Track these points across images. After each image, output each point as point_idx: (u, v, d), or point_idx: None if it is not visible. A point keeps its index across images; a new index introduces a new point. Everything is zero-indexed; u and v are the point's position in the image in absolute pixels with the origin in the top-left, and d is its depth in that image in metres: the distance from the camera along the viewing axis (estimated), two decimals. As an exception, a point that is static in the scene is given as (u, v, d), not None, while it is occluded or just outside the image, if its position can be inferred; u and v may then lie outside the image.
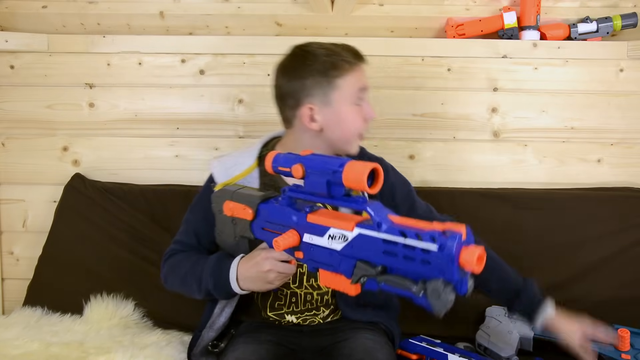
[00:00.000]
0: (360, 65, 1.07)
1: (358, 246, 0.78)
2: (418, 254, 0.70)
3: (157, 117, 1.56)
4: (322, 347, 1.09)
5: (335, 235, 0.81)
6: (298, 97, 1.05)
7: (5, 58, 1.55)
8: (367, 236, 0.77)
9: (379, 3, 1.55)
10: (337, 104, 1.04)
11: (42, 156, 1.58)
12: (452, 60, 1.52)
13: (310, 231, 0.84)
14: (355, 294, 0.81)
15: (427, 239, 0.69)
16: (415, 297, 0.71)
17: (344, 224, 0.80)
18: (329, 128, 1.05)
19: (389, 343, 1.09)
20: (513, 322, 1.27)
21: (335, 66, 1.03)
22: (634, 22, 1.50)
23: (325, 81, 1.03)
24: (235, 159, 1.12)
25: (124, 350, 1.11)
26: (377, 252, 0.75)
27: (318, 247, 0.83)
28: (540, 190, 1.49)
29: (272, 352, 1.04)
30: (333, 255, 0.81)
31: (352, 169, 0.77)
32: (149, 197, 1.48)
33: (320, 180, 0.81)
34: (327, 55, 1.04)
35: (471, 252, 0.67)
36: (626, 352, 1.12)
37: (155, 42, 1.55)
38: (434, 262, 0.68)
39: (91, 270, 1.43)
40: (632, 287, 1.37)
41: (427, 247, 0.69)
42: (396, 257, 0.73)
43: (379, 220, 0.75)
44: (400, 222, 0.75)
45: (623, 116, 1.53)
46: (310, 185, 0.83)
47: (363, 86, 1.06)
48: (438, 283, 0.68)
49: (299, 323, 1.12)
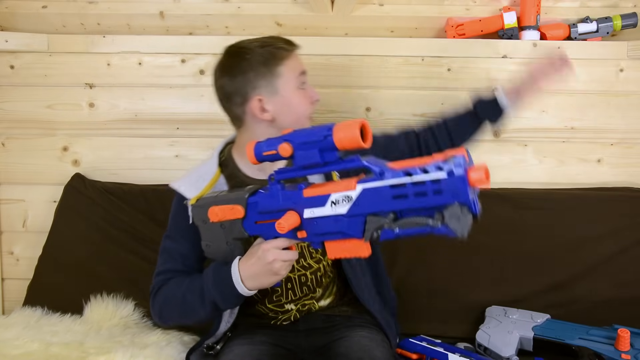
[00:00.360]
0: (295, 51, 1.09)
1: (365, 202, 0.77)
2: (429, 186, 0.71)
3: (157, 117, 1.56)
4: (319, 347, 1.09)
5: (338, 200, 0.80)
6: (244, 92, 1.05)
7: (5, 58, 1.55)
8: (373, 188, 0.76)
9: (379, 3, 1.55)
10: (283, 91, 1.06)
11: (42, 156, 1.58)
12: (452, 60, 1.52)
13: (310, 205, 0.83)
14: (368, 254, 0.81)
15: (433, 169, 0.70)
16: (435, 229, 0.71)
17: (345, 186, 0.80)
18: (280, 115, 1.06)
19: (386, 340, 1.09)
20: (513, 322, 1.27)
21: (274, 55, 1.05)
22: (634, 22, 1.50)
23: (267, 71, 1.04)
24: (197, 172, 1.11)
25: (124, 350, 1.11)
26: (386, 200, 0.75)
27: (321, 219, 0.82)
28: (540, 190, 1.49)
29: (267, 353, 1.04)
30: (339, 221, 0.80)
31: (342, 129, 0.77)
32: (149, 197, 1.48)
33: (311, 150, 0.81)
34: (262, 47, 1.06)
35: (478, 170, 0.69)
36: (626, 352, 1.12)
37: (155, 42, 1.54)
38: (445, 189, 0.70)
39: (91, 270, 1.43)
40: (632, 287, 1.37)
41: (437, 177, 0.70)
42: (407, 198, 0.73)
43: (380, 169, 0.76)
44: (400, 165, 0.75)
45: (623, 116, 1.53)
46: (300, 159, 0.82)
47: (302, 70, 1.09)
48: (454, 207, 0.69)
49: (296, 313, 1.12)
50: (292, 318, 1.12)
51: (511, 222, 1.44)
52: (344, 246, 0.82)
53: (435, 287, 1.40)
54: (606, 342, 1.16)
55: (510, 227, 1.44)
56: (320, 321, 1.13)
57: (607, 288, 1.37)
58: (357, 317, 1.14)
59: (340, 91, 1.54)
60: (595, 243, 1.41)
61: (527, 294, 1.38)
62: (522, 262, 1.41)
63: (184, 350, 1.19)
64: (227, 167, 1.12)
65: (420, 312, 1.38)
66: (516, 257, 1.42)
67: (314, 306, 1.13)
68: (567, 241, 1.42)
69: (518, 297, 1.37)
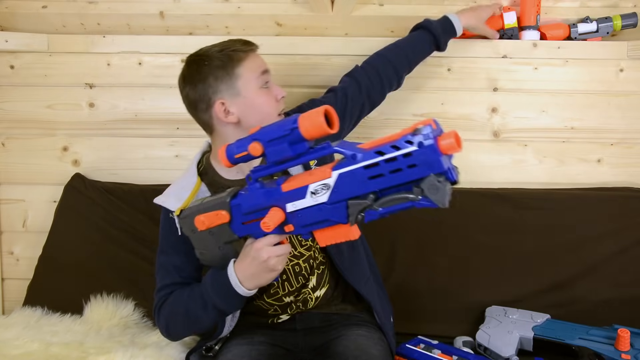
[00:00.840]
0: (253, 51, 1.11)
1: (342, 187, 0.78)
2: (402, 161, 0.72)
3: (157, 117, 1.56)
4: (317, 346, 1.09)
5: (317, 190, 0.81)
6: (207, 98, 1.08)
7: (5, 58, 1.55)
8: (347, 172, 0.77)
9: (379, 3, 1.55)
10: (245, 92, 1.07)
11: (42, 156, 1.58)
12: (452, 60, 1.52)
13: (291, 199, 0.84)
14: (358, 235, 0.83)
15: (403, 144, 0.71)
16: (416, 203, 0.72)
17: (320, 175, 0.80)
18: (245, 116, 1.08)
19: (383, 339, 1.10)
20: (513, 322, 1.27)
21: (231, 58, 1.07)
22: (634, 22, 1.49)
23: (226, 74, 1.06)
24: (179, 185, 1.13)
25: (124, 350, 1.11)
26: (363, 182, 0.76)
27: (305, 210, 0.83)
28: (540, 190, 1.49)
29: (264, 353, 1.05)
30: (322, 209, 0.81)
31: (306, 119, 0.78)
32: (149, 197, 1.46)
33: (281, 145, 0.81)
34: (219, 51, 1.08)
35: (448, 137, 0.69)
36: (626, 352, 1.12)
37: (155, 42, 1.54)
38: (419, 161, 0.70)
39: (91, 270, 1.43)
40: (632, 287, 1.37)
41: (408, 151, 0.70)
42: (383, 177, 0.74)
43: (351, 152, 0.76)
44: (371, 145, 0.75)
45: (623, 116, 1.53)
46: (273, 155, 0.83)
47: (263, 69, 1.10)
48: (431, 178, 0.70)
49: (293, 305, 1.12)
50: (290, 310, 1.13)
51: (511, 222, 1.44)
52: (333, 232, 0.83)
53: (435, 287, 1.40)
54: (606, 342, 1.16)
55: (510, 227, 1.44)
56: (317, 320, 1.13)
57: (607, 288, 1.37)
58: (354, 315, 1.14)
59: (340, 91, 1.54)
60: (595, 243, 1.41)
61: (527, 294, 1.38)
62: (522, 262, 1.41)
63: (184, 350, 1.19)
64: (207, 175, 1.14)
65: (420, 312, 1.38)
66: (516, 257, 1.42)
67: (311, 297, 1.13)
68: (567, 241, 1.42)
69: (518, 297, 1.37)
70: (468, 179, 1.54)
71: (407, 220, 1.44)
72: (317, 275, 1.14)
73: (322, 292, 1.15)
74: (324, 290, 1.15)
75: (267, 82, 1.10)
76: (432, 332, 1.31)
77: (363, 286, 1.13)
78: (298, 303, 1.13)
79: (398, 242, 1.43)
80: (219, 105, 1.07)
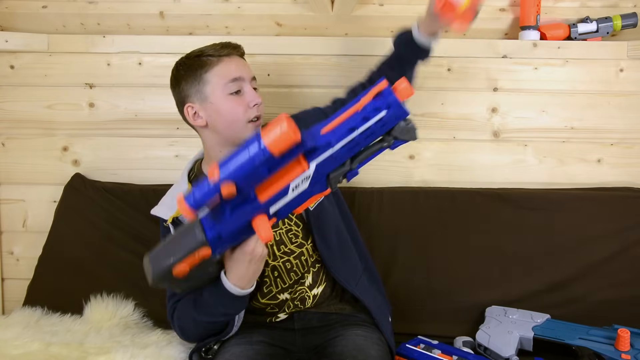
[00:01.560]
0: (229, 57, 1.11)
1: (322, 170, 0.81)
2: (375, 127, 0.77)
3: (157, 117, 1.56)
4: (315, 346, 1.10)
5: (298, 184, 0.82)
6: (182, 102, 1.13)
7: (5, 58, 1.55)
8: (326, 159, 0.79)
9: (379, 3, 1.55)
10: (212, 97, 1.09)
11: (42, 156, 1.58)
12: (452, 60, 1.52)
13: (273, 202, 0.82)
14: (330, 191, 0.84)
15: (372, 113, 0.76)
16: (391, 146, 0.79)
17: (298, 170, 0.80)
18: (212, 121, 1.11)
19: (382, 339, 1.10)
20: (513, 322, 1.27)
21: (201, 64, 1.10)
22: (634, 22, 1.50)
23: (195, 80, 1.10)
24: (171, 195, 1.17)
25: (124, 350, 1.11)
26: (342, 157, 0.80)
27: (288, 202, 0.84)
28: (540, 190, 1.49)
29: (262, 352, 1.05)
30: (304, 193, 0.83)
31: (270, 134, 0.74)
32: (149, 197, 1.47)
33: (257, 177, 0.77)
34: (196, 56, 1.11)
35: (399, 83, 0.76)
36: (626, 352, 1.12)
37: (155, 42, 1.54)
38: (389, 118, 0.77)
39: (91, 270, 1.43)
40: (632, 287, 1.37)
41: (379, 117, 0.76)
42: (359, 144, 0.79)
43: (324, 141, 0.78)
44: (337, 124, 0.77)
45: (623, 116, 1.53)
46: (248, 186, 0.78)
47: (235, 76, 1.10)
48: (400, 124, 0.78)
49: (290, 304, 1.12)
50: (287, 309, 1.13)
51: (511, 222, 1.44)
52: (312, 199, 0.85)
53: (435, 287, 1.40)
54: (606, 342, 1.16)
55: (510, 227, 1.44)
56: (315, 320, 1.13)
57: (607, 288, 1.37)
58: (352, 315, 1.14)
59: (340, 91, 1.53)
60: (595, 243, 1.41)
61: (527, 294, 1.38)
62: (522, 262, 1.41)
63: (184, 350, 1.19)
64: (195, 179, 1.17)
65: (420, 312, 1.38)
66: (516, 257, 1.42)
67: (308, 296, 1.13)
68: (567, 241, 1.42)
69: (518, 297, 1.38)
70: (468, 179, 1.54)
71: (407, 221, 1.45)
72: (312, 274, 1.15)
73: (320, 290, 1.15)
74: (321, 288, 1.15)
75: (240, 90, 1.10)
76: (432, 332, 1.31)
77: (355, 286, 1.14)
78: (295, 302, 1.13)
79: (398, 242, 1.43)
80: (187, 108, 1.11)
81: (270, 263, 1.12)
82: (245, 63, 1.15)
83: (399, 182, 1.53)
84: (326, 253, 1.13)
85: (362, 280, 1.18)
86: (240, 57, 1.14)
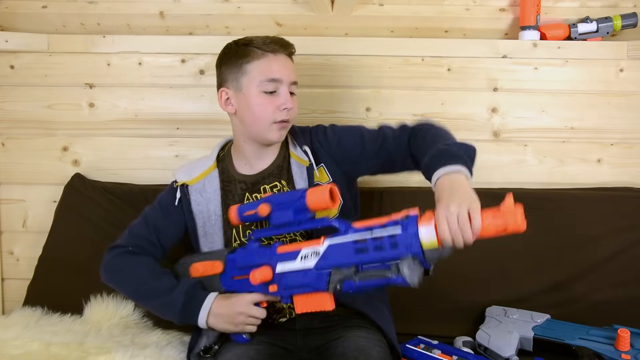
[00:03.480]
0: (275, 55, 1.10)
1: (331, 256, 0.88)
2: (386, 241, 0.82)
3: (157, 117, 1.56)
4: (316, 347, 1.09)
5: (307, 255, 0.90)
6: (219, 84, 1.14)
7: (5, 58, 1.55)
8: (338, 244, 0.87)
9: (379, 3, 1.55)
10: (246, 89, 1.10)
11: (42, 156, 1.58)
12: (452, 60, 1.52)
13: (283, 259, 0.94)
14: (332, 307, 0.90)
15: (391, 225, 0.83)
16: (392, 280, 0.82)
17: (314, 242, 0.90)
18: (241, 112, 1.12)
19: (383, 340, 1.09)
20: (513, 322, 1.27)
21: (245, 53, 1.09)
22: (634, 22, 1.50)
23: (236, 67, 1.10)
24: (195, 164, 1.21)
25: (124, 350, 1.11)
26: (349, 254, 0.86)
27: (292, 273, 0.92)
28: (540, 190, 1.49)
29: (263, 352, 1.05)
30: (307, 275, 0.90)
31: (314, 193, 0.90)
32: (149, 197, 1.47)
33: (286, 211, 0.92)
34: (243, 44, 1.11)
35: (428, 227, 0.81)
36: (626, 352, 1.12)
37: (155, 42, 1.54)
38: (401, 242, 0.81)
39: (91, 270, 1.42)
40: (632, 287, 1.37)
41: (393, 232, 0.82)
42: (367, 251, 0.84)
43: (345, 227, 0.87)
44: (363, 224, 0.86)
45: (623, 116, 1.53)
46: (277, 219, 0.94)
47: (274, 77, 1.09)
48: (409, 259, 0.81)
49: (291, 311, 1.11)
50: (288, 315, 1.13)
51: (511, 222, 1.44)
52: (311, 300, 0.92)
53: (435, 287, 1.39)
54: (606, 342, 1.16)
55: (510, 227, 1.44)
56: (317, 321, 1.13)
57: (607, 288, 1.37)
58: (354, 317, 1.13)
59: (340, 91, 1.54)
60: (595, 243, 1.41)
61: (527, 294, 1.38)
62: (522, 262, 1.41)
63: (184, 350, 1.19)
64: (224, 162, 1.19)
65: (420, 312, 1.38)
66: (516, 257, 1.42)
67: None
68: (567, 241, 1.42)
69: (518, 297, 1.37)
70: (468, 179, 1.54)
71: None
72: None
73: None
74: None
75: (276, 91, 1.09)
76: (432, 332, 1.31)
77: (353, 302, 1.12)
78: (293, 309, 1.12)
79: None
80: (222, 92, 1.13)
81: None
82: (290, 64, 1.13)
83: (399, 182, 1.53)
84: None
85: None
86: (286, 57, 1.12)
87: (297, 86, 1.15)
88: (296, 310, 0.93)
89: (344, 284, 0.86)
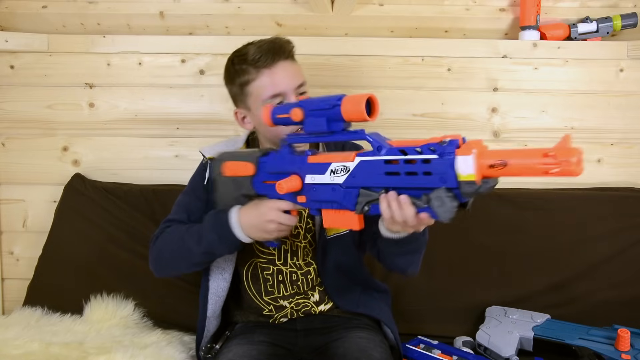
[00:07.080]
0: (270, 69, 1.03)
1: (360, 174, 0.80)
2: (419, 166, 0.73)
3: (157, 117, 1.56)
4: (317, 347, 1.09)
5: (337, 169, 0.83)
6: (233, 102, 1.12)
7: (5, 58, 1.55)
8: (369, 161, 0.79)
9: (379, 3, 1.55)
10: (254, 109, 1.06)
11: (42, 156, 1.58)
12: (452, 60, 1.52)
13: (312, 171, 0.87)
14: (360, 227, 0.84)
15: (426, 151, 0.72)
16: (420, 209, 0.74)
17: (345, 157, 0.83)
18: (258, 127, 1.10)
19: (384, 341, 1.09)
20: (513, 322, 1.27)
21: (242, 73, 1.05)
22: (634, 22, 1.50)
23: (239, 89, 1.08)
24: (226, 143, 1.17)
25: (124, 350, 1.11)
26: (380, 175, 0.78)
27: (320, 186, 0.86)
28: (540, 190, 1.49)
29: (264, 352, 1.05)
30: (336, 190, 0.84)
31: (349, 101, 0.81)
32: (149, 197, 1.48)
33: (319, 118, 0.84)
34: (238, 62, 1.06)
35: (465, 152, 0.69)
36: (626, 352, 1.12)
37: (155, 42, 1.54)
38: (435, 170, 0.71)
39: (91, 270, 1.43)
40: (632, 287, 1.37)
41: (428, 157, 0.72)
42: (399, 175, 0.76)
43: (379, 144, 0.78)
44: (399, 144, 0.78)
45: (623, 116, 1.53)
46: (309, 126, 0.86)
47: (275, 93, 1.03)
48: (441, 191, 0.71)
49: (293, 312, 1.12)
50: (289, 315, 1.13)
51: (511, 222, 1.44)
52: (339, 216, 0.86)
53: (435, 287, 1.40)
54: (606, 342, 1.16)
55: (510, 227, 1.44)
56: (318, 321, 1.13)
57: (607, 288, 1.37)
58: (355, 318, 1.14)
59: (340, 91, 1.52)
60: (595, 243, 1.41)
61: (527, 294, 1.38)
62: (522, 262, 1.41)
63: (184, 350, 1.19)
64: (252, 145, 1.17)
65: (420, 312, 1.38)
66: (516, 257, 1.42)
67: (314, 311, 1.13)
68: (567, 241, 1.42)
69: (518, 297, 1.38)
70: (468, 179, 1.54)
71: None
72: (319, 292, 1.14)
73: (327, 307, 1.14)
74: (329, 305, 1.14)
75: (282, 102, 1.03)
76: (432, 332, 1.31)
77: (356, 307, 1.13)
78: (299, 313, 1.12)
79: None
80: (237, 113, 1.12)
81: (278, 265, 1.12)
82: (290, 69, 1.05)
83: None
84: (327, 282, 1.12)
85: (361, 299, 1.16)
86: (284, 61, 1.04)
87: (306, 85, 1.08)
88: (324, 224, 0.88)
89: (372, 207, 0.80)
